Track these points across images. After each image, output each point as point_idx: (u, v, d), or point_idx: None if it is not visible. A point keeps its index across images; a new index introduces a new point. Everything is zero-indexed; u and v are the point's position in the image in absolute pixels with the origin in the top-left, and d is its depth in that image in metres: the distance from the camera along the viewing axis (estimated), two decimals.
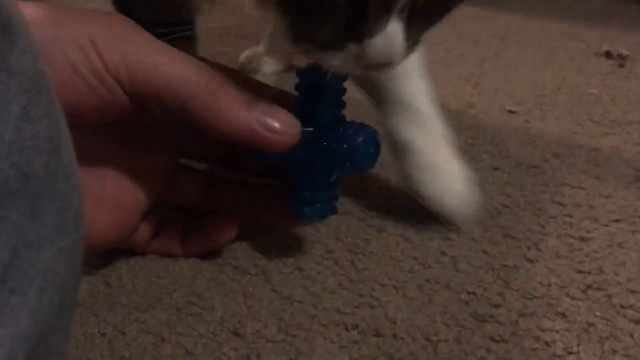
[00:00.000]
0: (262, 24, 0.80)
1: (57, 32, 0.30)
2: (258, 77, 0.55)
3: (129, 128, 0.37)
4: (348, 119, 0.39)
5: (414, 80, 0.45)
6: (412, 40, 0.32)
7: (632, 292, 0.39)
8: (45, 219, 0.19)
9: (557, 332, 0.36)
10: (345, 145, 0.37)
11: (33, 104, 0.18)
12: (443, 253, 0.43)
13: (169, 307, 0.38)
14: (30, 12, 0.26)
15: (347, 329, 0.36)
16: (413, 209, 0.46)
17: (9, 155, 0.17)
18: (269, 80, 0.53)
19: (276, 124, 0.35)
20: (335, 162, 0.38)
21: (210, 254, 0.42)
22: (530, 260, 0.42)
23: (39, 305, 0.18)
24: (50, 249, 0.19)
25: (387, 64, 0.32)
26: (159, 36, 0.34)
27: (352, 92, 0.41)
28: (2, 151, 0.17)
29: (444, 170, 0.45)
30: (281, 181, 0.43)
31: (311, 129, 0.36)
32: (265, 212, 0.42)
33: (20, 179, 0.17)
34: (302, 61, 0.38)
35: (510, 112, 0.67)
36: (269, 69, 0.78)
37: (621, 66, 0.83)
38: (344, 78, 0.38)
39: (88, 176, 0.36)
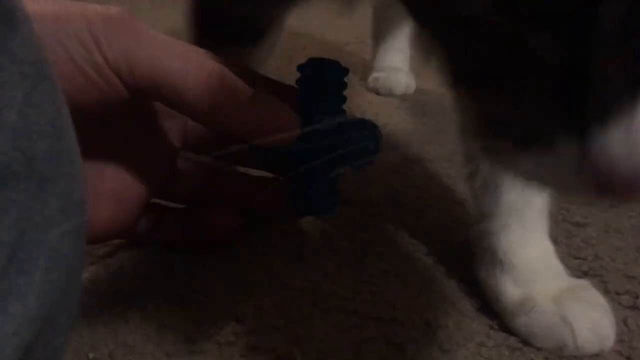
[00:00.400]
0: None
1: (58, 27, 0.30)
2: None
3: (129, 121, 0.37)
4: (348, 114, 0.39)
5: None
6: None
7: (628, 277, 0.40)
8: (50, 201, 0.19)
9: None
10: (345, 141, 0.37)
11: (36, 90, 0.18)
12: (443, 241, 0.43)
13: (171, 294, 0.38)
14: (32, 6, 0.26)
15: (346, 314, 0.37)
16: (412, 198, 0.46)
17: (14, 139, 0.17)
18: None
19: (277, 120, 0.34)
20: (335, 158, 0.37)
21: (211, 243, 0.42)
22: None
23: (45, 286, 0.19)
24: (56, 230, 0.19)
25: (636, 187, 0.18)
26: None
27: (353, 87, 0.41)
28: (7, 135, 0.17)
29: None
30: (281, 175, 0.43)
31: (312, 124, 0.36)
32: (265, 205, 0.43)
33: (25, 162, 0.18)
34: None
35: None
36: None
37: None
38: (345, 72, 0.37)
39: (88, 169, 0.36)
